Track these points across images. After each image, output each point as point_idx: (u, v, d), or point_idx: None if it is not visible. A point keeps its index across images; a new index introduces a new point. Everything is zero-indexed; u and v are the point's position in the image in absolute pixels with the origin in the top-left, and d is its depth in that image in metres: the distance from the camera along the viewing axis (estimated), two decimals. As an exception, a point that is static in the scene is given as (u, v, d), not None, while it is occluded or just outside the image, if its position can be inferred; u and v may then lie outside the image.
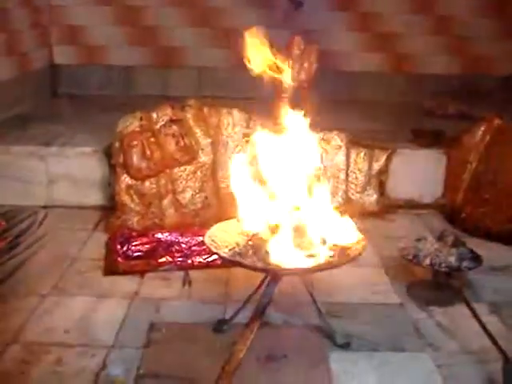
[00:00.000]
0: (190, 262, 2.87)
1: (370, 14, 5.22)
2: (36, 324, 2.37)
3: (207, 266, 2.85)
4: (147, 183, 3.31)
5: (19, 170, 3.57)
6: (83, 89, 5.20)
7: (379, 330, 2.39)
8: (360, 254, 2.12)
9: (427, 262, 2.60)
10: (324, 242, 2.09)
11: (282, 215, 2.11)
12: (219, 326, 2.34)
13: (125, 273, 2.80)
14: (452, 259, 2.60)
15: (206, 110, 3.46)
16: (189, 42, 5.24)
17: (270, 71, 2.17)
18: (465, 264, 2.61)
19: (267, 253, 2.02)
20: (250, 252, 2.06)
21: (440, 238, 2.74)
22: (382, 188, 3.64)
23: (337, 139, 3.55)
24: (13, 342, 2.24)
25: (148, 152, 3.27)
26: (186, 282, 2.73)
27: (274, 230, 2.08)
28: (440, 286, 2.64)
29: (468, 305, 2.39)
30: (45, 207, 3.48)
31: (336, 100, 4.55)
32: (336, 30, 5.17)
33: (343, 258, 2.09)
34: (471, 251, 2.68)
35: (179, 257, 2.90)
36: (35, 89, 4.91)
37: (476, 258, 2.65)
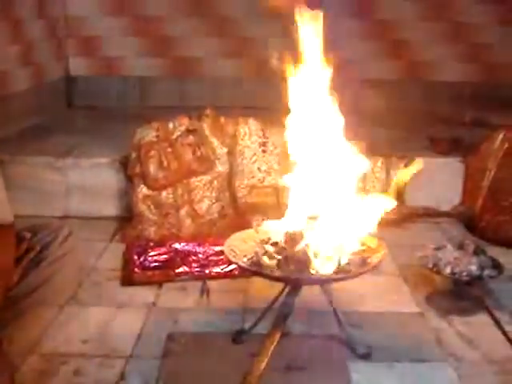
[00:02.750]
0: (207, 272, 2.86)
1: (386, 21, 5.20)
2: (54, 335, 2.36)
3: (225, 275, 2.84)
4: (164, 193, 3.32)
5: (36, 181, 3.59)
6: (99, 100, 5.22)
7: (400, 340, 2.36)
8: (380, 263, 2.10)
9: (448, 270, 2.58)
10: (344, 250, 2.08)
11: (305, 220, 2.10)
12: (238, 336, 2.32)
13: (142, 283, 2.80)
14: (473, 268, 2.57)
15: (222, 119, 3.46)
16: (205, 52, 5.25)
17: None
18: (486, 272, 2.58)
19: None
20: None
21: (460, 246, 2.71)
22: (399, 197, 3.61)
23: (354, 148, 3.52)
24: (31, 353, 2.22)
25: (165, 162, 3.28)
26: (204, 292, 2.72)
27: (296, 237, 2.06)
28: (461, 295, 2.61)
29: (490, 314, 2.36)
30: (62, 218, 3.50)
31: (352, 108, 4.53)
32: (352, 37, 5.16)
33: (363, 267, 2.07)
34: (492, 259, 2.65)
35: (196, 267, 2.89)
36: (51, 100, 4.94)
37: (497, 267, 2.62)
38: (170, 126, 3.36)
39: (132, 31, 5.23)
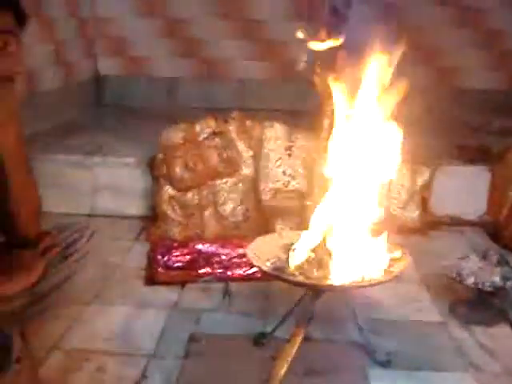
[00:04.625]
0: (229, 273, 2.88)
1: (414, 27, 5.18)
2: (78, 331, 2.40)
3: (247, 278, 2.86)
4: (189, 194, 3.34)
5: (64, 179, 3.63)
6: (127, 100, 5.28)
7: (420, 349, 2.36)
8: (403, 272, 2.10)
9: (471, 280, 2.56)
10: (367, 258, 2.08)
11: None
12: (259, 339, 2.34)
13: (165, 283, 2.82)
14: (496, 278, 2.55)
15: (248, 122, 3.47)
16: (232, 54, 5.27)
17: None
18: (509, 283, 2.56)
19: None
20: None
21: (484, 256, 2.69)
22: (424, 204, 3.60)
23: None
24: (55, 349, 2.27)
25: (191, 164, 3.30)
26: (227, 293, 2.74)
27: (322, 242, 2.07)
28: (483, 306, 2.59)
29: (512, 325, 2.35)
30: (88, 216, 3.54)
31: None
32: (379, 43, 5.15)
33: (386, 274, 2.07)
34: (516, 271, 2.63)
35: (219, 268, 2.91)
36: (80, 99, 5.00)
37: (521, 278, 2.60)
38: (197, 127, 3.39)
39: (161, 32, 5.27)
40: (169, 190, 3.34)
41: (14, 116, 1.86)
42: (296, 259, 2.06)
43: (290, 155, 3.46)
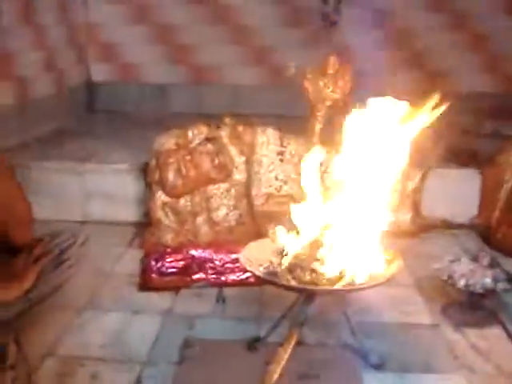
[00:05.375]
0: (223, 279, 2.89)
1: (405, 31, 5.21)
2: (72, 338, 2.40)
3: (241, 283, 2.86)
4: (182, 200, 3.35)
5: (56, 186, 3.64)
6: (119, 106, 5.28)
7: (413, 351, 2.37)
8: (395, 275, 2.11)
9: (462, 282, 2.58)
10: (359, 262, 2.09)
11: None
12: (253, 343, 2.34)
13: (159, 289, 2.83)
14: (487, 281, 2.57)
15: (240, 128, 3.48)
16: (223, 60, 5.29)
17: None
18: (500, 285, 2.58)
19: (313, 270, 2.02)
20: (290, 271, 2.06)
21: (475, 258, 2.71)
22: (416, 207, 3.62)
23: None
24: (49, 355, 2.27)
25: (183, 170, 3.31)
26: (220, 299, 2.75)
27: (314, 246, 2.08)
28: (475, 308, 2.61)
29: (503, 326, 2.37)
30: (81, 223, 3.54)
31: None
32: (371, 47, 5.17)
33: (378, 278, 2.08)
34: (507, 273, 2.65)
35: (213, 274, 2.92)
36: (72, 105, 5.00)
37: (511, 280, 2.62)
38: (189, 134, 3.39)
39: (152, 39, 5.29)
40: (162, 197, 3.35)
41: None
42: (288, 263, 2.07)
43: (282, 160, 3.48)
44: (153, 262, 2.96)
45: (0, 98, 3.89)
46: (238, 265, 2.81)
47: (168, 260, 2.99)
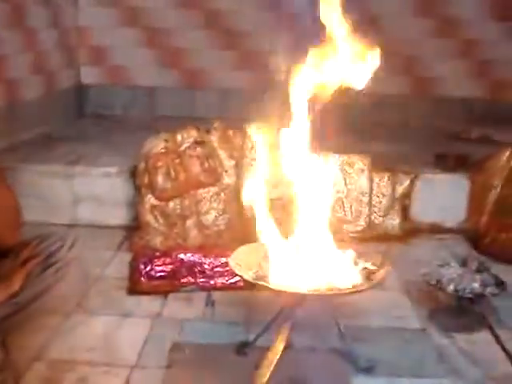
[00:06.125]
0: (212, 283, 2.88)
1: (393, 37, 5.23)
2: (60, 342, 2.39)
3: (230, 287, 2.86)
4: (171, 204, 3.34)
5: (45, 189, 3.62)
6: (109, 109, 5.28)
7: (402, 356, 2.38)
8: (384, 279, 2.12)
9: (451, 287, 2.58)
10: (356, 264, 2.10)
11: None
12: (242, 348, 2.34)
13: (148, 293, 2.82)
14: (476, 285, 2.57)
15: (230, 132, 3.48)
16: (214, 64, 5.29)
17: None
18: (489, 290, 2.59)
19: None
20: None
21: (464, 263, 2.72)
22: (405, 212, 3.63)
23: (360, 163, 3.55)
24: (36, 360, 2.25)
25: (173, 173, 3.30)
26: (209, 302, 2.74)
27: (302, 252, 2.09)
28: (463, 312, 2.62)
29: (492, 331, 2.37)
30: (70, 226, 3.53)
31: (359, 123, 4.56)
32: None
33: (367, 282, 2.09)
34: (495, 277, 2.66)
35: (202, 278, 2.91)
36: (62, 108, 4.99)
37: (500, 284, 2.63)
38: (179, 137, 3.39)
39: (142, 42, 5.28)
40: (151, 200, 3.34)
41: None
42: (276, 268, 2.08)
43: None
44: (141, 266, 2.94)
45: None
46: (227, 269, 2.81)
47: (157, 264, 2.97)
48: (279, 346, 2.03)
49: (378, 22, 5.20)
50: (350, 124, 3.66)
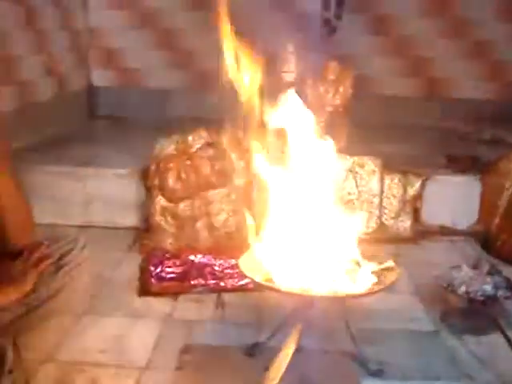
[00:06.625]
0: (222, 284, 2.88)
1: (404, 38, 5.23)
2: (71, 343, 2.40)
3: (240, 289, 2.86)
4: (182, 205, 3.35)
5: (57, 190, 3.63)
6: (121, 111, 5.29)
7: (413, 358, 2.36)
8: (395, 282, 2.11)
9: (462, 289, 2.57)
10: (359, 265, 2.09)
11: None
12: (252, 349, 2.34)
13: (158, 294, 2.83)
14: (487, 287, 2.56)
15: (240, 134, 3.48)
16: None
17: None
18: (500, 293, 2.58)
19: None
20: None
21: (475, 265, 2.71)
22: (416, 214, 3.62)
23: (371, 164, 3.55)
24: (47, 361, 2.26)
25: (183, 175, 3.31)
26: (219, 304, 2.74)
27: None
28: (475, 315, 2.61)
29: (504, 334, 2.36)
30: (81, 227, 3.54)
31: (370, 125, 4.55)
32: (370, 54, 5.19)
33: (378, 284, 2.08)
34: (507, 280, 2.65)
35: (212, 279, 2.91)
36: (73, 110, 5.01)
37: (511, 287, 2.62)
38: (190, 139, 3.39)
39: (154, 44, 5.30)
40: (161, 201, 3.35)
41: None
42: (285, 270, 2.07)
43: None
44: (152, 267, 2.95)
45: (1, 102, 3.90)
46: (237, 270, 2.81)
47: (167, 265, 2.98)
48: (290, 347, 2.02)
49: (390, 23, 5.20)
50: (361, 125, 3.65)
